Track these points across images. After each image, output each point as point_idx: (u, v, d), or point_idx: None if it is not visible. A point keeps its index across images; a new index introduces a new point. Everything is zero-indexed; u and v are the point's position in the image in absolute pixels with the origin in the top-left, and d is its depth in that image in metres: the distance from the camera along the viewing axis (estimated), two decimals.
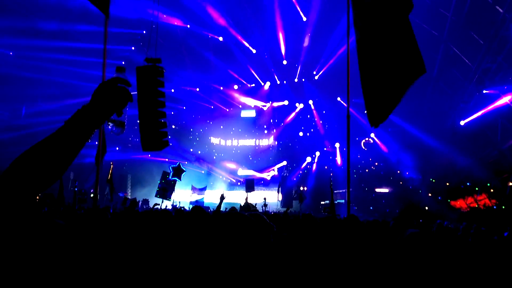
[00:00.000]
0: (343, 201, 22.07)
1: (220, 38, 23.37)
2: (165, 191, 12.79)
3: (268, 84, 26.87)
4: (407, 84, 3.80)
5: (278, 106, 27.73)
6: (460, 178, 18.82)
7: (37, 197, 13.48)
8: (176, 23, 21.33)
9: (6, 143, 18.03)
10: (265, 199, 16.42)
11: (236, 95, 27.35)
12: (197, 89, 26.95)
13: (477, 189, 17.28)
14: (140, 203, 17.83)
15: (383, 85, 3.95)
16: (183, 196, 22.54)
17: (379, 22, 4.00)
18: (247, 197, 7.62)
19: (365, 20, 4.17)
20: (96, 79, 20.74)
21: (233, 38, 23.19)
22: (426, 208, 19.31)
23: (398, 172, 23.79)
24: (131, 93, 1.38)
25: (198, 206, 5.65)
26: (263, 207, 14.78)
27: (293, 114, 27.62)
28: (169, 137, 5.26)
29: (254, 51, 24.29)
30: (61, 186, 10.18)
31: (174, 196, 18.76)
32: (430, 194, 20.76)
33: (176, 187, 13.92)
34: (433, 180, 21.50)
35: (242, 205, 6.55)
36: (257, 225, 1.48)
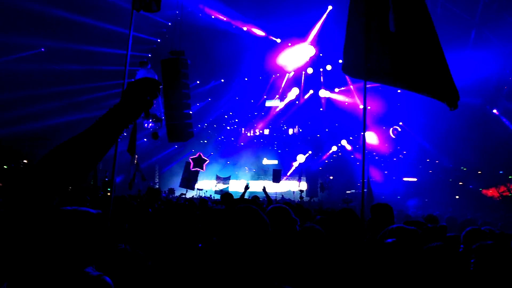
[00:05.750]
0: (365, 190, 21.69)
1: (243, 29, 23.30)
2: (189, 181, 13.18)
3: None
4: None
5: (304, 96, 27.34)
6: (492, 166, 18.08)
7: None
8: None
9: None
10: (301, 191, 15.84)
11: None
12: (222, 80, 27.03)
13: (510, 177, 16.56)
14: (166, 192, 18.38)
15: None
16: (208, 185, 22.97)
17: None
18: (264, 187, 7.61)
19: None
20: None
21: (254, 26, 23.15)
22: (457, 197, 18.73)
23: (428, 160, 23.12)
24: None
25: (227, 193, 5.76)
26: (300, 199, 14.29)
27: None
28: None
29: (278, 40, 24.10)
30: (95, 176, 10.64)
31: (200, 185, 19.16)
32: (460, 183, 20.11)
33: (201, 177, 14.25)
34: (464, 168, 20.76)
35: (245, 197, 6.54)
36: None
